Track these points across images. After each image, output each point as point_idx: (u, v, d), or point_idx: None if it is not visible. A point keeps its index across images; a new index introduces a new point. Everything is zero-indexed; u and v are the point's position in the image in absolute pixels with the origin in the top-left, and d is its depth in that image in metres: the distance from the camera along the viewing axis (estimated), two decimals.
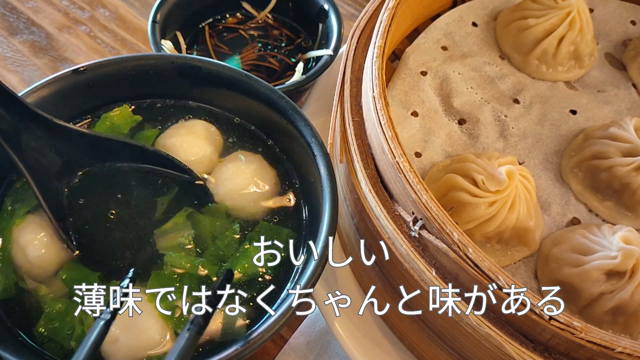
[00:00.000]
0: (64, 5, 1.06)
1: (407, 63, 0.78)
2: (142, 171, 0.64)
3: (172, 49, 0.82)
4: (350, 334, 0.62)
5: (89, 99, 0.65)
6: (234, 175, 0.63)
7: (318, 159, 0.60)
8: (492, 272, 0.49)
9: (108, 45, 1.02)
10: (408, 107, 0.74)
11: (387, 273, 0.59)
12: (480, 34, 0.84)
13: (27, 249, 0.57)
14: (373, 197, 0.58)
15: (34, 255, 0.56)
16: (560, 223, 0.68)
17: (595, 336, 0.47)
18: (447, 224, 0.51)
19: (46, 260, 0.57)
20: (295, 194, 0.65)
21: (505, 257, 0.65)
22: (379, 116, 0.58)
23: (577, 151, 0.72)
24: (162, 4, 0.85)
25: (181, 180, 0.63)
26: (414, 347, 0.62)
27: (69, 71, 0.63)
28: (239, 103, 0.67)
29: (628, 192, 0.67)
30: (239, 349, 0.49)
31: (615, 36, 0.86)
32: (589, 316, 0.59)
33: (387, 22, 0.66)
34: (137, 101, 0.68)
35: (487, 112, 0.75)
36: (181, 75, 0.67)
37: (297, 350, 0.71)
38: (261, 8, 0.95)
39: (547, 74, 0.80)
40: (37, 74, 0.96)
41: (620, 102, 0.79)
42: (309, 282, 0.52)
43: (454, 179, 0.63)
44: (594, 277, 0.59)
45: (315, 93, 0.82)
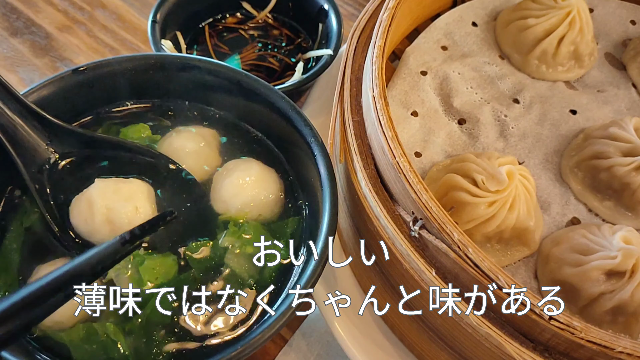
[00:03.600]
0: (64, 5, 1.06)
1: (407, 63, 0.78)
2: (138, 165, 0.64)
3: (172, 49, 0.82)
4: (350, 334, 0.62)
5: (89, 99, 0.65)
6: (235, 183, 0.62)
7: (318, 159, 0.60)
8: (492, 272, 0.49)
9: (108, 45, 1.02)
10: (408, 107, 0.74)
11: (387, 273, 0.59)
12: (480, 34, 0.84)
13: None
14: (373, 197, 0.58)
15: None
16: (560, 223, 0.68)
17: (595, 336, 0.47)
18: (447, 224, 0.51)
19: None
20: (295, 194, 0.65)
21: (505, 257, 0.65)
22: (379, 116, 0.58)
23: (577, 151, 0.72)
24: (162, 4, 0.85)
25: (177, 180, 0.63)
26: (414, 347, 0.62)
27: (68, 71, 0.63)
28: (239, 103, 0.67)
29: (628, 192, 0.67)
30: (239, 349, 0.49)
31: (615, 36, 0.86)
32: (589, 316, 0.59)
33: (387, 22, 0.66)
34: (137, 102, 0.68)
35: (487, 112, 0.75)
36: (181, 76, 0.67)
37: (297, 350, 0.71)
38: (261, 8, 0.95)
39: (547, 74, 0.80)
40: (37, 74, 0.96)
41: (620, 102, 0.79)
42: (309, 282, 0.52)
43: (454, 179, 0.63)
44: (594, 277, 0.59)
45: (315, 93, 0.82)
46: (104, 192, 0.58)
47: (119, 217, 0.58)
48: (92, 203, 0.58)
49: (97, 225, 0.58)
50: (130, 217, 0.58)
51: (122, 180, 0.61)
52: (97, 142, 0.64)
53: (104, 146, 0.63)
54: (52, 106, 0.62)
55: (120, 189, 0.59)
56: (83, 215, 0.59)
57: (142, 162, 0.64)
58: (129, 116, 0.68)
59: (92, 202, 0.58)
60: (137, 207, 0.59)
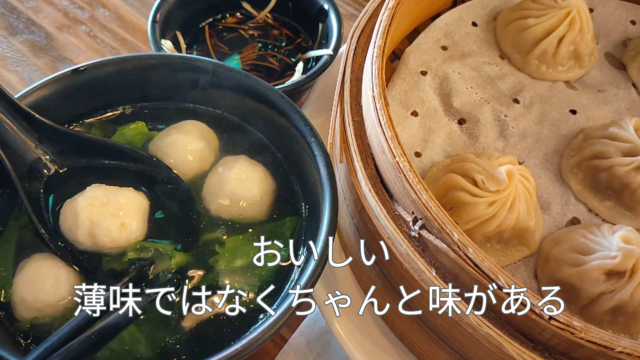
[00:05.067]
0: (64, 5, 1.06)
1: (407, 63, 0.78)
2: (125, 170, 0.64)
3: (172, 49, 0.82)
4: (350, 334, 0.62)
5: (88, 98, 0.65)
6: (232, 184, 0.62)
7: (318, 159, 0.60)
8: (492, 272, 0.49)
9: (108, 45, 1.02)
10: (408, 107, 0.74)
11: (387, 273, 0.59)
12: (480, 34, 0.84)
13: (38, 295, 0.55)
14: (373, 197, 0.58)
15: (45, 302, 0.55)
16: (560, 223, 0.68)
17: (595, 336, 0.47)
18: (447, 223, 0.51)
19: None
20: (295, 194, 0.65)
21: (505, 257, 0.65)
22: (379, 116, 0.58)
23: (577, 151, 0.72)
24: (162, 4, 0.85)
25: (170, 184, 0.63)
26: (414, 347, 0.62)
27: (68, 71, 0.63)
28: (239, 103, 0.67)
29: (628, 191, 0.67)
30: (239, 349, 0.49)
31: (615, 36, 0.86)
32: (589, 316, 0.59)
33: (387, 22, 0.66)
34: (137, 101, 0.68)
35: (487, 111, 0.75)
36: (181, 76, 0.67)
37: (297, 350, 0.71)
38: (261, 8, 0.95)
39: (547, 74, 0.80)
40: (37, 74, 0.96)
41: (620, 101, 0.79)
42: (309, 282, 0.52)
43: (454, 179, 0.63)
44: (593, 277, 0.59)
45: (315, 93, 0.82)
46: (91, 204, 0.57)
47: (101, 233, 0.57)
48: (77, 214, 0.57)
49: (80, 237, 0.57)
50: (113, 236, 0.57)
51: (114, 191, 0.59)
52: (89, 143, 0.63)
53: (97, 148, 0.63)
54: (52, 106, 0.62)
55: (109, 201, 0.58)
56: (68, 223, 0.58)
57: (136, 168, 0.63)
58: (128, 115, 0.68)
59: (77, 212, 0.57)
60: (123, 223, 0.57)
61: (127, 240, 0.58)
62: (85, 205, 0.57)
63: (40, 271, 0.56)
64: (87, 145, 0.63)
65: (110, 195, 0.58)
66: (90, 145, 0.63)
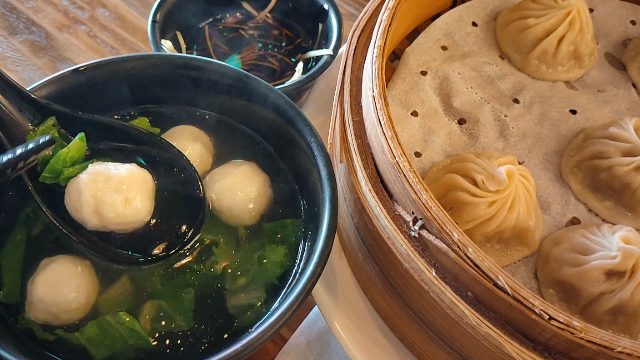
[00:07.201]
0: (63, 5, 1.06)
1: (407, 63, 0.78)
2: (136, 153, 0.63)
3: (172, 49, 0.82)
4: (350, 333, 0.62)
5: (88, 98, 0.65)
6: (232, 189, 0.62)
7: (318, 159, 0.60)
8: (492, 272, 0.49)
9: (108, 45, 1.02)
10: (408, 107, 0.74)
11: (387, 273, 0.59)
12: (480, 34, 0.84)
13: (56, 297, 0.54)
14: (373, 197, 0.58)
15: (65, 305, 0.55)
16: (560, 223, 0.68)
17: (595, 336, 0.47)
18: (447, 223, 0.51)
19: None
20: (295, 194, 0.64)
21: (505, 257, 0.65)
22: (379, 116, 0.58)
23: (577, 151, 0.72)
24: (162, 4, 0.85)
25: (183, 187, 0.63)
26: (414, 347, 0.62)
27: (68, 71, 0.63)
28: (239, 103, 0.67)
29: (628, 191, 0.67)
30: (238, 349, 0.49)
31: (615, 36, 0.86)
32: (589, 316, 0.59)
33: (387, 22, 0.66)
34: (137, 101, 0.68)
35: (487, 112, 0.75)
36: (181, 75, 0.67)
37: (297, 350, 0.71)
38: (261, 8, 0.95)
39: (547, 74, 0.80)
40: (37, 74, 0.96)
41: (620, 102, 0.79)
42: (309, 283, 0.52)
43: (454, 179, 0.63)
44: (593, 277, 0.59)
45: (315, 93, 0.82)
46: (94, 180, 0.55)
47: (106, 209, 0.55)
48: (80, 191, 0.55)
49: (85, 216, 0.55)
50: (118, 211, 0.55)
51: (116, 166, 0.57)
52: (89, 123, 0.62)
53: (97, 127, 0.61)
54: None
55: (112, 177, 0.56)
56: (73, 203, 0.56)
57: (145, 151, 0.63)
58: (128, 114, 0.68)
59: (80, 189, 0.55)
60: (127, 198, 0.56)
61: (134, 216, 0.57)
62: (88, 182, 0.55)
63: (64, 275, 0.55)
64: (90, 125, 0.62)
65: (112, 170, 0.57)
66: (93, 126, 0.62)
